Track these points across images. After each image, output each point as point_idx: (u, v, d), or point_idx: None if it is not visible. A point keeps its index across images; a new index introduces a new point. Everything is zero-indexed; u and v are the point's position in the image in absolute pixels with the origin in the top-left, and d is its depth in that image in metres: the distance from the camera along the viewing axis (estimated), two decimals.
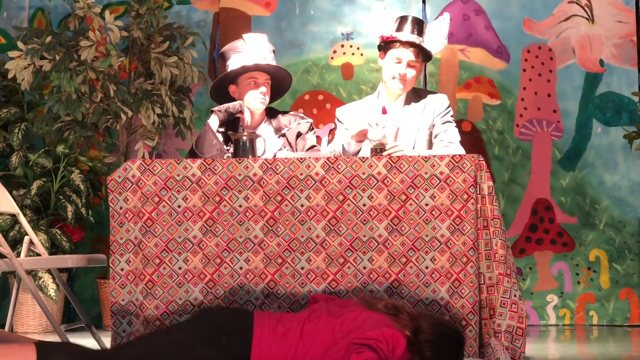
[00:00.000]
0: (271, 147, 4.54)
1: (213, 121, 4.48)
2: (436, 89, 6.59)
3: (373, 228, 3.79)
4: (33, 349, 3.31)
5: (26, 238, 4.70)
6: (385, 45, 4.62)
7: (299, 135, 4.63)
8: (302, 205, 3.81)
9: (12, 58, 6.10)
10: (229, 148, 4.44)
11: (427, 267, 3.77)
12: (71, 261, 4.47)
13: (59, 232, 6.15)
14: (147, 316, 3.80)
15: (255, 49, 4.60)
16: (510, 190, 6.65)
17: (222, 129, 4.51)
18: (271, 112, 4.70)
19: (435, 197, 3.79)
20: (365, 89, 6.72)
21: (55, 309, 6.17)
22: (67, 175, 6.25)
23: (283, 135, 4.63)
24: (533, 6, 6.76)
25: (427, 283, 3.77)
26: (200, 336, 3.38)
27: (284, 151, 4.45)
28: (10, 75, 6.08)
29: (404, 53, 4.56)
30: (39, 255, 4.77)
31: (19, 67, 6.04)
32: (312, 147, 4.62)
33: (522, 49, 6.75)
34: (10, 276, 6.18)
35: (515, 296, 3.77)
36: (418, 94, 4.67)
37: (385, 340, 3.36)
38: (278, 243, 3.81)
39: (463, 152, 4.45)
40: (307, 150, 4.58)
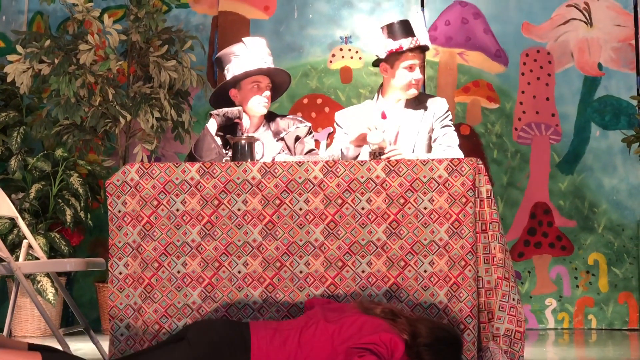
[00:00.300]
0: (270, 151, 4.54)
1: (211, 125, 4.47)
2: (435, 93, 6.60)
3: (372, 232, 3.78)
4: (39, 358, 3.33)
5: (25, 242, 4.69)
6: (390, 57, 4.60)
7: (298, 138, 4.63)
8: (301, 208, 3.80)
9: (11, 62, 6.10)
10: (228, 152, 4.43)
11: (426, 271, 3.77)
12: (70, 265, 4.46)
13: (58, 236, 6.15)
14: (146, 320, 3.80)
15: (256, 53, 4.60)
16: (508, 193, 6.65)
17: (221, 133, 4.50)
18: (270, 116, 4.69)
19: (433, 201, 3.78)
20: (364, 93, 6.72)
21: (53, 313, 6.16)
22: (66, 178, 6.25)
23: (281, 139, 4.62)
24: (531, 10, 6.77)
25: (426, 287, 3.77)
26: (201, 355, 3.37)
27: (283, 155, 4.45)
28: (9, 78, 6.08)
29: (414, 60, 4.57)
30: (38, 259, 4.77)
31: (18, 71, 6.05)
32: (311, 151, 4.61)
33: (521, 53, 6.76)
34: (8, 280, 6.17)
35: (514, 300, 3.77)
36: (418, 99, 4.67)
37: (384, 344, 3.36)
38: (276, 247, 3.80)
39: (462, 156, 4.45)
40: (306, 153, 4.58)
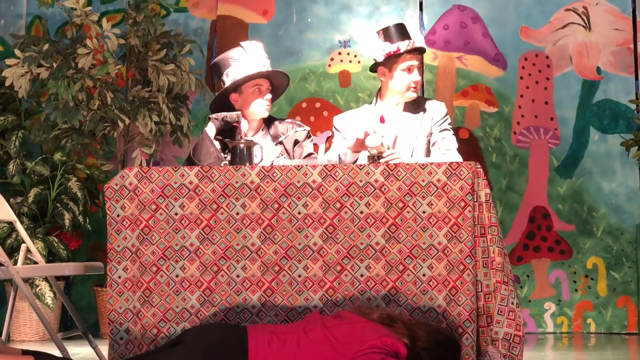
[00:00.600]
0: (268, 155, 4.54)
1: (210, 129, 4.47)
2: (433, 97, 6.60)
3: (370, 235, 3.78)
4: None
5: (23, 246, 4.69)
6: (388, 60, 4.61)
7: (296, 142, 4.63)
8: (300, 212, 3.80)
9: (10, 66, 6.10)
10: (227, 156, 4.43)
11: (425, 275, 3.77)
12: (68, 269, 4.45)
13: (56, 240, 6.15)
14: (144, 324, 3.79)
15: (255, 56, 4.60)
16: (507, 197, 6.65)
17: (220, 137, 4.50)
18: (269, 120, 4.69)
19: (432, 205, 3.78)
20: (362, 97, 6.72)
21: (52, 317, 6.16)
22: (65, 183, 6.25)
23: (280, 142, 4.62)
24: (530, 14, 6.77)
25: (425, 291, 3.76)
26: (197, 358, 3.37)
27: (281, 159, 4.44)
28: (7, 82, 6.08)
29: (412, 61, 4.58)
30: (36, 263, 4.76)
31: (17, 75, 6.04)
32: (310, 155, 4.61)
33: (519, 57, 6.76)
34: (7, 284, 6.17)
35: (512, 304, 3.76)
36: (417, 103, 4.67)
37: (387, 348, 3.36)
38: (275, 251, 3.80)
39: (460, 160, 4.45)
40: (305, 157, 4.58)
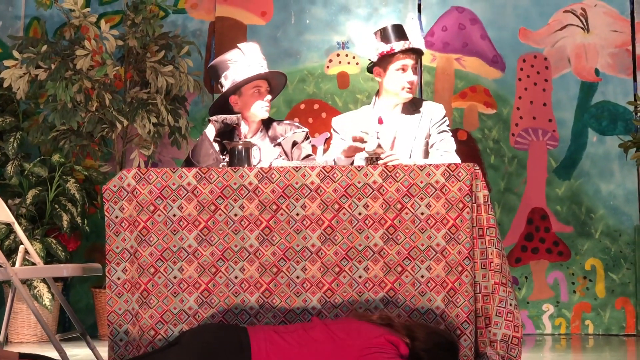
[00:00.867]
0: (267, 156, 4.53)
1: (210, 130, 4.47)
2: (432, 98, 6.60)
3: (368, 237, 3.78)
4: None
5: (21, 247, 4.68)
6: (382, 60, 4.61)
7: (295, 144, 4.63)
8: (298, 214, 3.80)
9: (8, 67, 6.10)
10: (225, 157, 4.43)
11: (423, 276, 3.77)
12: (66, 270, 4.45)
13: (54, 242, 6.14)
14: (142, 325, 3.79)
15: (253, 58, 4.61)
16: (506, 199, 6.65)
17: (218, 139, 4.50)
18: (267, 121, 4.69)
19: (430, 206, 3.78)
20: (361, 98, 6.72)
21: (50, 319, 6.15)
22: (63, 184, 6.24)
23: (279, 144, 4.62)
24: (528, 15, 6.77)
25: (423, 292, 3.76)
26: (194, 357, 3.37)
27: (280, 160, 4.44)
28: (5, 84, 6.08)
29: (408, 61, 4.57)
30: (34, 264, 4.76)
31: (15, 76, 6.04)
32: (308, 156, 4.61)
33: (518, 58, 6.76)
34: (5, 286, 6.16)
35: (511, 305, 3.76)
36: (415, 104, 4.67)
37: (391, 345, 3.36)
38: (273, 252, 3.79)
39: (459, 161, 4.45)
40: (303, 159, 4.58)
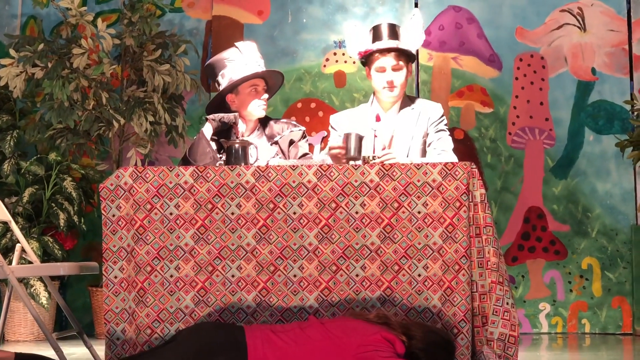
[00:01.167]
0: (264, 155, 4.53)
1: (207, 129, 4.46)
2: (429, 97, 6.60)
3: (365, 235, 3.78)
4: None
5: (18, 246, 4.68)
6: (367, 59, 4.61)
7: (292, 142, 4.63)
8: (295, 212, 3.80)
9: (4, 65, 6.09)
10: (222, 156, 4.43)
11: (420, 275, 3.77)
12: (63, 269, 4.45)
13: (51, 240, 6.14)
14: (139, 324, 3.79)
15: (250, 57, 4.60)
16: (502, 198, 6.65)
17: (215, 137, 4.50)
18: (264, 120, 4.69)
19: (427, 205, 3.78)
20: (357, 97, 6.72)
21: (47, 317, 6.15)
22: (59, 182, 6.24)
23: (275, 142, 4.62)
24: (525, 15, 6.78)
25: (420, 291, 3.76)
26: (190, 355, 3.37)
27: (277, 159, 4.44)
28: (2, 82, 6.07)
29: (385, 60, 4.54)
30: (31, 263, 4.75)
31: (11, 75, 6.03)
32: (305, 155, 4.61)
33: (515, 57, 6.77)
34: (1, 284, 6.16)
35: (507, 304, 3.76)
36: (411, 100, 4.67)
37: (388, 342, 3.37)
38: (270, 251, 3.79)
39: (456, 160, 4.45)
40: (300, 157, 4.58)
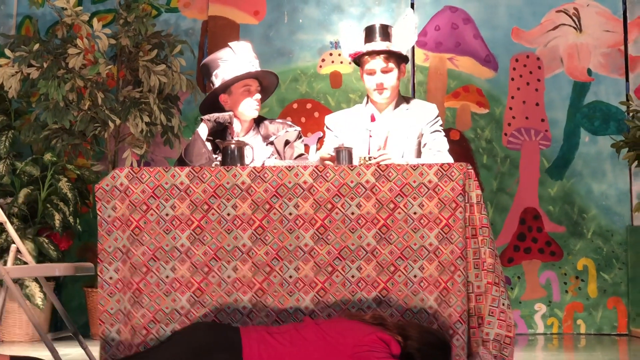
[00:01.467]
0: (259, 155, 4.53)
1: (202, 130, 4.46)
2: (425, 98, 6.60)
3: (361, 237, 3.78)
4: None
5: (13, 246, 4.67)
6: (358, 61, 4.61)
7: (287, 143, 4.62)
8: (291, 213, 3.79)
9: (0, 65, 6.08)
10: (218, 156, 4.42)
11: (416, 276, 3.76)
12: (58, 270, 4.44)
13: (46, 241, 6.13)
14: (134, 325, 3.78)
15: (244, 57, 4.60)
16: (498, 199, 6.65)
17: (211, 138, 4.49)
18: (259, 120, 4.69)
19: (423, 206, 3.78)
20: (353, 98, 6.72)
21: (42, 318, 6.14)
22: (55, 183, 6.23)
23: (271, 143, 4.61)
24: (521, 15, 6.78)
25: (416, 292, 3.76)
26: (186, 354, 3.36)
27: (272, 159, 4.44)
28: None
29: (374, 63, 4.53)
30: (26, 263, 4.74)
31: (6, 75, 6.03)
32: (300, 156, 4.61)
33: (511, 58, 6.77)
34: None
35: (503, 305, 3.76)
36: (406, 100, 4.67)
37: (383, 342, 3.37)
38: (266, 252, 3.79)
39: (451, 161, 4.45)
40: (295, 158, 4.57)
